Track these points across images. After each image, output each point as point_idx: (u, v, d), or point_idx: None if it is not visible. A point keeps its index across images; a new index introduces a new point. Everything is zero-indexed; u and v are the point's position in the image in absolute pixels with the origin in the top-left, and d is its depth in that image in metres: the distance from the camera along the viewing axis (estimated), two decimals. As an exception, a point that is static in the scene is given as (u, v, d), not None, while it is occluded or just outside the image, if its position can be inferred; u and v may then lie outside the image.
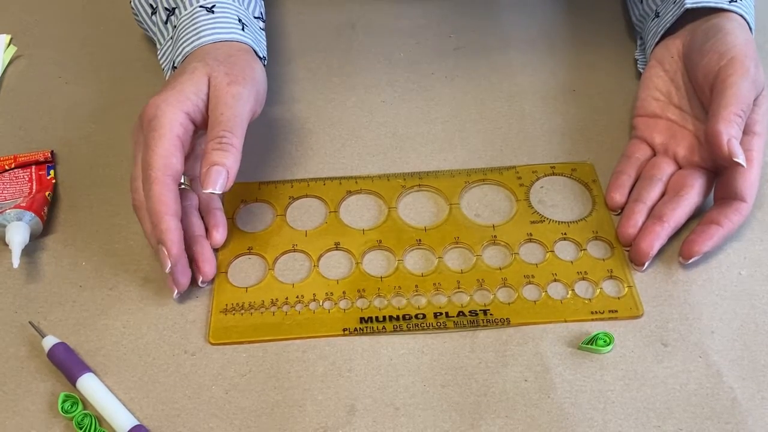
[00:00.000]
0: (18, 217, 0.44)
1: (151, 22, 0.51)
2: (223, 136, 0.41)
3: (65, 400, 0.38)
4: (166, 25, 0.49)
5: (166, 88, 0.43)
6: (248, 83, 0.43)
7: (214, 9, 0.46)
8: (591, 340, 0.40)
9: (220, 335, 0.41)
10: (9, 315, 0.42)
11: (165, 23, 0.49)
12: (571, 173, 0.48)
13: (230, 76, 0.43)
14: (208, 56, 0.44)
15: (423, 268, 0.44)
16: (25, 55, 0.59)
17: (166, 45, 0.49)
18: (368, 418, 0.38)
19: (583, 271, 0.43)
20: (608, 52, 0.57)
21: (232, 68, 0.43)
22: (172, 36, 0.48)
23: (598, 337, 0.40)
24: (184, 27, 0.46)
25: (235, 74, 0.43)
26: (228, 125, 0.41)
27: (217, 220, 0.44)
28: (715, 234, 0.42)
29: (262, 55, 0.48)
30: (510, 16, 0.60)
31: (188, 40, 0.46)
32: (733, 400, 0.38)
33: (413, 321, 0.41)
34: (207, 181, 0.40)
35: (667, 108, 0.48)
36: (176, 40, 0.47)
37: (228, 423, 0.38)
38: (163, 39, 0.49)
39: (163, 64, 0.49)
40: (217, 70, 0.43)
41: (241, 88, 0.43)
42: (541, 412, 0.38)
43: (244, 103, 0.43)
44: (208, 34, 0.45)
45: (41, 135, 0.52)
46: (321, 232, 0.46)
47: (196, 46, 0.45)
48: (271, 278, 0.43)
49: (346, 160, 0.50)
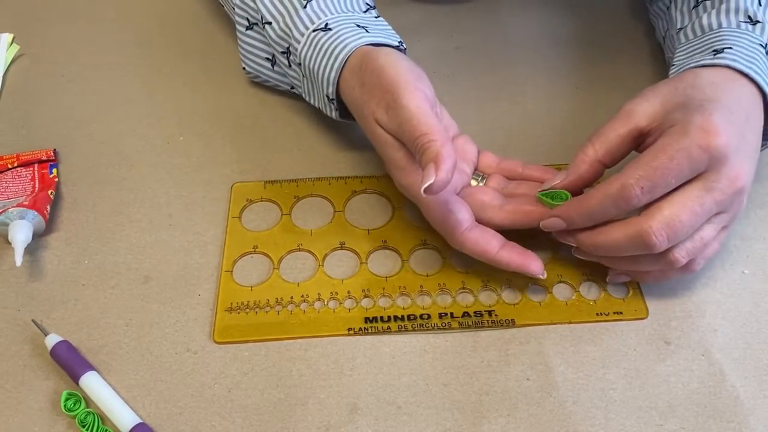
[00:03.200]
0: (21, 215, 0.44)
1: (277, 74, 0.51)
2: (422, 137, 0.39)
3: (68, 398, 0.38)
4: (291, 68, 0.48)
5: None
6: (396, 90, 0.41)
7: (327, 27, 0.45)
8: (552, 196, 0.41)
9: (224, 334, 0.41)
10: (12, 313, 0.42)
11: (289, 67, 0.48)
12: (573, 173, 0.48)
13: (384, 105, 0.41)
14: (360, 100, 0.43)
15: (428, 268, 0.44)
16: (28, 54, 0.59)
17: (305, 85, 0.48)
18: (370, 417, 0.38)
19: (588, 272, 0.43)
20: (611, 50, 0.57)
21: (383, 97, 0.41)
22: (304, 74, 0.47)
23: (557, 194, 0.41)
24: (311, 57, 0.45)
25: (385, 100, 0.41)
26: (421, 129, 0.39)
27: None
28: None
29: (396, 44, 0.46)
30: (511, 15, 0.60)
31: (324, 66, 0.44)
32: (736, 399, 0.38)
33: (418, 321, 0.41)
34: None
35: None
36: (312, 72, 0.45)
37: (230, 421, 0.38)
38: (298, 81, 0.48)
39: (318, 103, 0.48)
40: (376, 110, 0.41)
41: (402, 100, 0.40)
42: (543, 411, 0.38)
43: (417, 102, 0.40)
44: (339, 50, 0.44)
45: (44, 133, 0.52)
46: (326, 231, 0.46)
47: (338, 67, 0.43)
48: (276, 277, 0.43)
49: (352, 160, 0.50)
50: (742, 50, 0.42)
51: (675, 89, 0.41)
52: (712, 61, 0.42)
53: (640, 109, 0.40)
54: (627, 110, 0.41)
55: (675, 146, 0.37)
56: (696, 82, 0.40)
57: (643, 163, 0.37)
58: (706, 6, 0.47)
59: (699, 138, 0.37)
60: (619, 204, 0.38)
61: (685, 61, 0.44)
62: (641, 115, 0.40)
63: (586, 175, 0.41)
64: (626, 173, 0.37)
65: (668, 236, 0.37)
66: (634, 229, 0.37)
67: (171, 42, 0.59)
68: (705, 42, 0.45)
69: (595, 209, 0.39)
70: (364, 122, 0.43)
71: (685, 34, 0.48)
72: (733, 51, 0.42)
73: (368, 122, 0.42)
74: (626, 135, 0.40)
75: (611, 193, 0.38)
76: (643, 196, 0.37)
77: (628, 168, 0.38)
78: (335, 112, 0.46)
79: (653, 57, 0.57)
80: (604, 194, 0.38)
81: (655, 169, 0.37)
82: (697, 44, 0.45)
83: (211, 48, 0.58)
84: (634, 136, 0.41)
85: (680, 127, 0.38)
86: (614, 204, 0.38)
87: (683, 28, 0.48)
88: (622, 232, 0.38)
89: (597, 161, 0.41)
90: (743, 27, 0.44)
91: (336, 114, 0.47)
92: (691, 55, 0.45)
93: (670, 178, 0.37)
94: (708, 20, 0.46)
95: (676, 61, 0.46)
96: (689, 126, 0.37)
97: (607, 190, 0.38)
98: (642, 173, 0.37)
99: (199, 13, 0.61)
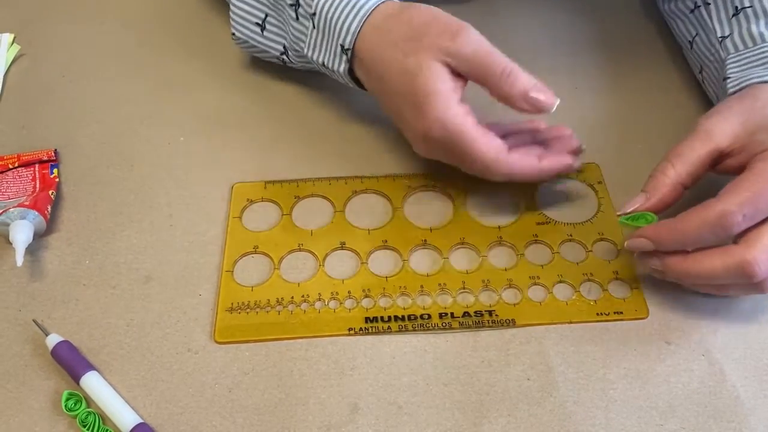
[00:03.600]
0: (21, 215, 0.44)
1: (266, 40, 0.51)
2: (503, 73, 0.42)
3: (69, 398, 0.38)
4: (299, 20, 0.47)
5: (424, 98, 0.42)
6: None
7: None
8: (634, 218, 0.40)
9: (225, 334, 0.41)
10: (13, 313, 0.42)
11: (296, 19, 0.47)
12: (576, 174, 0.48)
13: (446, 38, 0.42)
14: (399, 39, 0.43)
15: (428, 268, 0.44)
16: (29, 54, 0.59)
17: (311, 37, 0.47)
18: (371, 417, 0.38)
19: (589, 272, 0.43)
20: (612, 51, 0.57)
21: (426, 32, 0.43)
22: (315, 25, 0.46)
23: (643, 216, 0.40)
24: (332, 5, 0.44)
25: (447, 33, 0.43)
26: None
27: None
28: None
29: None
30: (510, 15, 0.60)
31: (347, 14, 0.44)
32: (736, 399, 0.38)
33: (418, 321, 0.41)
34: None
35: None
36: (329, 20, 0.45)
37: (231, 421, 0.38)
38: (303, 35, 0.48)
39: (324, 56, 0.47)
40: (439, 41, 0.42)
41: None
42: (544, 411, 0.38)
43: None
44: (365, 0, 0.44)
45: (45, 134, 0.52)
46: (327, 231, 0.46)
47: (362, 17, 0.44)
48: (276, 277, 0.43)
49: (352, 160, 0.50)
50: None
51: (752, 108, 0.40)
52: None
53: (718, 129, 0.40)
54: (706, 130, 0.40)
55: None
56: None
57: (744, 189, 0.36)
58: (748, 14, 0.46)
59: None
60: (717, 231, 0.37)
61: (743, 74, 0.43)
62: (721, 135, 0.40)
63: (667, 199, 0.40)
64: (725, 199, 0.36)
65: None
66: (735, 260, 0.36)
67: (172, 42, 0.59)
68: (761, 55, 0.44)
69: (690, 235, 0.37)
70: (402, 56, 0.43)
71: (733, 43, 0.46)
72: None
73: (408, 56, 0.42)
74: (706, 156, 0.40)
75: (710, 220, 0.37)
76: (744, 223, 0.36)
77: (726, 194, 0.37)
78: (345, 64, 0.46)
79: (654, 57, 0.57)
80: (702, 220, 0.37)
81: (758, 195, 0.36)
82: (752, 57, 0.45)
83: (212, 48, 0.58)
84: (714, 156, 0.40)
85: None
86: (712, 231, 0.37)
87: (728, 37, 0.47)
88: (721, 261, 0.37)
89: (679, 183, 0.40)
90: None
91: (345, 67, 0.46)
92: (749, 67, 0.44)
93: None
94: (758, 29, 0.45)
95: (732, 73, 0.45)
96: None
97: (706, 216, 0.37)
98: (743, 199, 0.36)
99: (199, 14, 0.61)
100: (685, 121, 0.52)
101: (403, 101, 0.44)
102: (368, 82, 0.46)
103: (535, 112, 0.42)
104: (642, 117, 0.52)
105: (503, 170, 0.42)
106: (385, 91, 0.45)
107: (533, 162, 0.43)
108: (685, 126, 0.51)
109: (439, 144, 0.43)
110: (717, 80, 0.48)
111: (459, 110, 0.42)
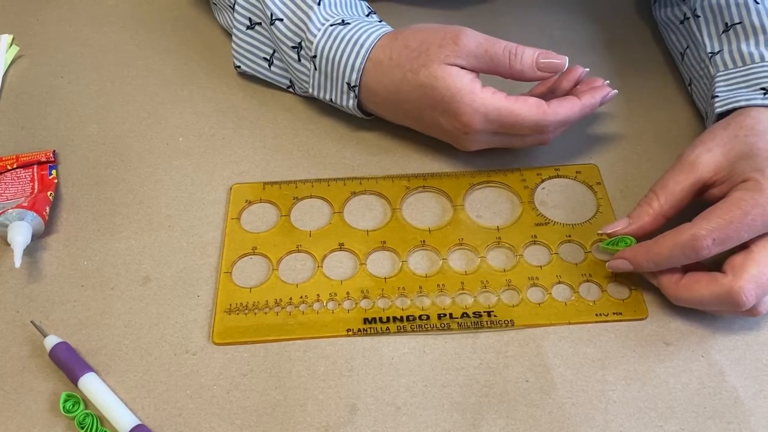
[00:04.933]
0: (20, 216, 0.44)
1: (274, 74, 0.52)
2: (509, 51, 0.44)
3: (67, 399, 0.38)
4: (301, 62, 0.49)
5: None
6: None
7: (344, 22, 0.47)
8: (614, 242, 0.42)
9: (223, 335, 0.41)
10: (11, 314, 0.42)
11: (298, 61, 0.49)
12: (575, 175, 0.48)
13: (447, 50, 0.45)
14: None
15: (427, 269, 0.44)
16: (27, 55, 0.59)
17: (314, 78, 0.49)
18: (369, 418, 0.38)
19: (588, 273, 0.43)
20: (611, 53, 0.57)
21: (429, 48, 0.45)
22: (317, 67, 0.48)
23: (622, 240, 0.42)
24: (331, 47, 0.47)
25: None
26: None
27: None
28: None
29: None
30: (510, 18, 0.60)
31: (348, 54, 0.46)
32: (735, 400, 0.38)
33: (417, 322, 0.41)
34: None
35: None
36: (332, 61, 0.47)
37: (229, 423, 0.38)
38: (305, 76, 0.49)
39: (331, 94, 0.49)
40: (442, 46, 0.45)
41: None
42: (543, 413, 0.38)
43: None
44: (365, 38, 0.46)
45: (43, 135, 0.52)
46: (325, 232, 0.46)
47: (364, 54, 0.46)
48: (275, 279, 0.43)
49: (350, 161, 0.50)
50: None
51: (735, 137, 0.41)
52: (764, 102, 0.42)
53: (702, 161, 0.41)
54: (690, 162, 0.41)
55: (750, 202, 0.38)
56: (756, 128, 0.41)
57: (717, 216, 0.38)
58: (737, 32, 0.47)
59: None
60: (687, 253, 0.38)
61: (731, 95, 0.44)
62: (705, 167, 0.41)
63: (648, 227, 0.42)
64: (698, 224, 0.38)
65: (757, 295, 0.37)
66: (723, 289, 0.38)
67: (170, 43, 0.59)
68: (750, 76, 0.45)
69: (663, 256, 0.39)
70: (412, 75, 0.45)
71: (722, 60, 0.47)
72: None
73: (419, 72, 0.44)
74: (690, 187, 0.41)
75: (681, 243, 0.38)
76: (714, 248, 0.38)
77: (700, 219, 0.39)
78: (353, 100, 0.48)
79: (652, 60, 0.57)
80: (674, 242, 0.39)
81: (729, 223, 0.38)
82: (740, 77, 0.45)
83: (211, 49, 0.58)
84: (697, 187, 0.41)
85: (754, 183, 0.38)
86: (683, 253, 0.38)
87: (717, 53, 0.47)
88: (709, 290, 0.38)
89: (661, 215, 0.41)
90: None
91: (354, 102, 0.48)
92: (736, 88, 0.45)
93: (742, 233, 0.38)
94: (748, 49, 0.46)
95: (720, 92, 0.45)
96: (764, 183, 0.38)
97: (678, 239, 0.38)
98: (715, 226, 0.38)
99: (198, 15, 0.61)
100: (683, 122, 0.52)
101: (431, 113, 0.46)
102: (384, 111, 0.49)
103: (551, 74, 0.45)
104: (640, 119, 0.52)
105: (551, 119, 0.44)
106: (407, 113, 0.47)
107: (574, 101, 0.45)
108: (683, 127, 0.52)
109: (484, 133, 0.45)
110: (706, 97, 0.49)
111: (486, 93, 0.44)
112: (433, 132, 0.48)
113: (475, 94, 0.44)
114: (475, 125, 0.44)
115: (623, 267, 0.41)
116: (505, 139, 0.46)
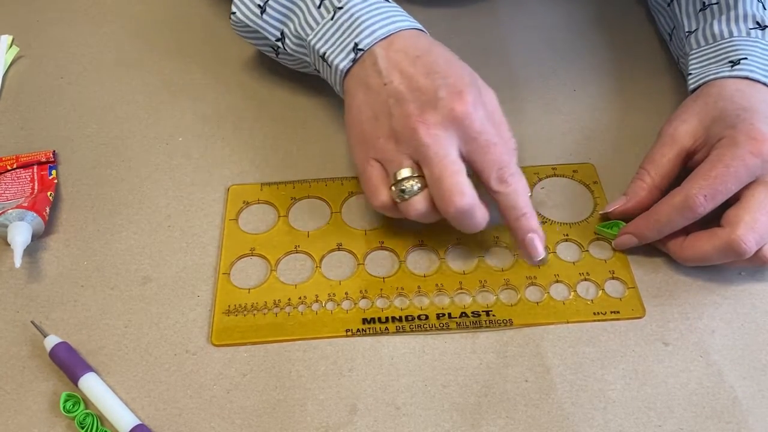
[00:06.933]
0: (20, 217, 0.44)
1: (265, 23, 0.49)
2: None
3: (67, 399, 0.38)
4: (320, 8, 0.46)
5: None
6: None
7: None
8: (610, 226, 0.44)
9: (222, 336, 0.41)
10: (11, 314, 0.42)
11: (318, 7, 0.47)
12: (572, 174, 0.48)
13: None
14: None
15: (425, 268, 0.44)
16: (27, 56, 0.59)
17: (323, 27, 0.46)
18: (369, 418, 0.38)
19: (585, 272, 0.43)
20: (609, 53, 0.57)
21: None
22: (333, 18, 0.46)
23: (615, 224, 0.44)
24: (363, 8, 0.45)
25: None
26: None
27: None
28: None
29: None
30: (510, 17, 0.60)
31: (378, 22, 0.44)
32: (734, 400, 0.38)
33: (416, 322, 0.41)
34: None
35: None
36: (353, 19, 0.45)
37: (229, 422, 0.38)
38: (315, 23, 0.47)
39: (323, 47, 0.46)
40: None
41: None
42: (542, 412, 0.38)
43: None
44: (400, 19, 0.45)
45: (43, 135, 0.52)
46: (323, 232, 0.46)
47: (392, 30, 0.44)
48: (273, 279, 0.43)
49: (348, 161, 0.50)
50: (757, 60, 0.45)
51: (706, 104, 0.44)
52: (731, 74, 0.45)
53: (681, 132, 0.44)
54: (670, 135, 0.44)
55: (729, 155, 0.40)
56: (723, 93, 0.44)
57: (702, 174, 0.41)
58: (713, 11, 0.49)
59: (750, 146, 0.40)
60: (684, 213, 0.41)
61: (702, 71, 0.47)
62: (684, 136, 0.44)
63: (645, 201, 0.44)
64: (688, 185, 0.41)
65: (756, 240, 0.40)
66: (722, 241, 0.40)
67: (170, 44, 0.59)
68: (719, 51, 0.47)
69: (663, 221, 0.42)
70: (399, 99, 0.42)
71: (696, 39, 0.49)
72: (748, 61, 0.45)
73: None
74: (675, 158, 0.44)
75: (676, 205, 0.41)
76: (708, 204, 0.40)
77: (688, 181, 0.41)
78: (348, 63, 0.45)
79: (650, 61, 0.57)
80: (669, 206, 0.41)
81: (714, 178, 0.40)
82: (711, 53, 0.48)
83: (211, 50, 0.58)
84: (682, 157, 0.44)
85: (729, 139, 0.41)
86: (680, 214, 0.41)
87: (692, 33, 0.50)
88: (710, 245, 0.41)
89: (654, 188, 0.44)
90: (753, 34, 0.47)
91: (346, 65, 0.45)
92: (707, 64, 0.47)
93: (729, 185, 0.40)
94: (719, 28, 0.48)
95: (693, 69, 0.48)
96: (737, 137, 0.41)
97: (672, 202, 0.41)
98: (703, 183, 0.40)
99: (198, 15, 0.61)
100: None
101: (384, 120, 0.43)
102: (387, 73, 0.44)
103: (526, 249, 0.42)
104: (637, 119, 0.52)
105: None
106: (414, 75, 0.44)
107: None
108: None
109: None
110: (685, 75, 0.50)
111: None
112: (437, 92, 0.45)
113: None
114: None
115: (629, 242, 0.43)
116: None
